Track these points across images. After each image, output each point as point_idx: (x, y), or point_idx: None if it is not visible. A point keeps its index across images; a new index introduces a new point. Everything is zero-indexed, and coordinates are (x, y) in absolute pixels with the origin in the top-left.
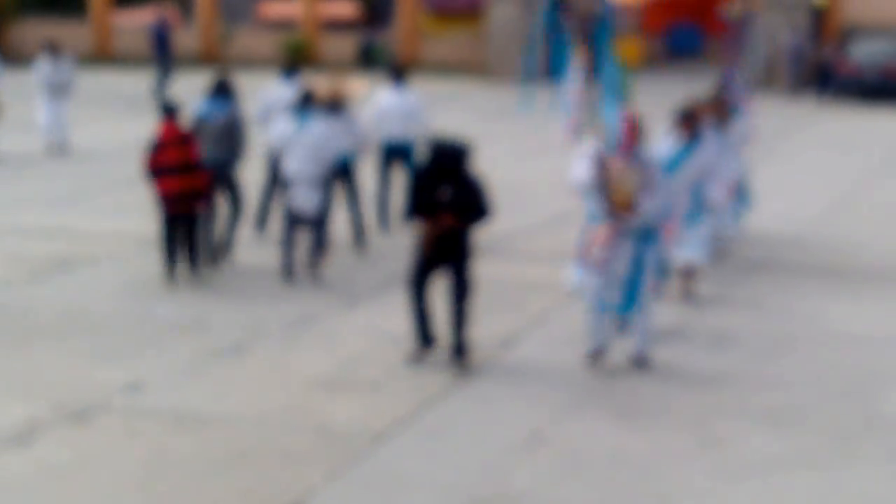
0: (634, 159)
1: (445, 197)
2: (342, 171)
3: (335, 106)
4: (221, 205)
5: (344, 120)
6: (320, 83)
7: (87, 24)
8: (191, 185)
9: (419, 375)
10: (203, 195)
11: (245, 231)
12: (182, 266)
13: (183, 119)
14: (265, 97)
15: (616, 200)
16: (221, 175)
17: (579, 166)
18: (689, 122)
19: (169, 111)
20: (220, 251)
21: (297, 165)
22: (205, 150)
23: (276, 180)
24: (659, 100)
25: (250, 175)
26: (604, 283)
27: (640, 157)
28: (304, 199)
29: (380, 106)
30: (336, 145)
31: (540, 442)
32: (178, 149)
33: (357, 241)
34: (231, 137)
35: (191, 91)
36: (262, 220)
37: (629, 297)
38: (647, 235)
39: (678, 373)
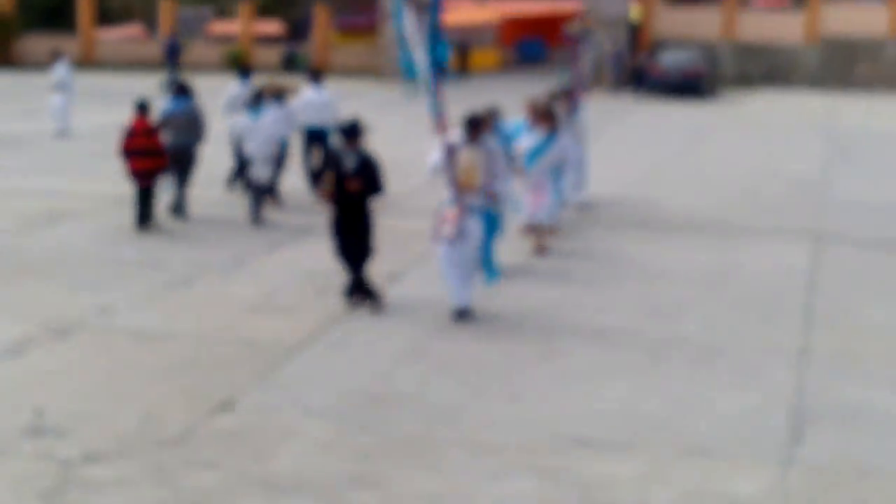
0: (480, 147)
1: (351, 164)
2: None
3: (280, 96)
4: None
5: (285, 108)
6: (264, 82)
7: (76, 37)
8: (153, 164)
9: (325, 302)
10: (161, 172)
11: (211, 192)
12: (145, 220)
13: (151, 113)
14: (228, 94)
15: (462, 183)
16: (184, 154)
17: (434, 154)
18: (549, 117)
19: (141, 107)
20: (178, 208)
21: (254, 147)
22: (172, 137)
23: (239, 157)
24: (513, 96)
25: (212, 152)
26: (454, 253)
27: (485, 145)
28: (262, 171)
29: (303, 99)
30: (282, 129)
31: (417, 354)
32: (145, 137)
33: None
34: (192, 126)
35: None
36: (231, 182)
37: (484, 262)
38: (489, 214)
39: (527, 301)
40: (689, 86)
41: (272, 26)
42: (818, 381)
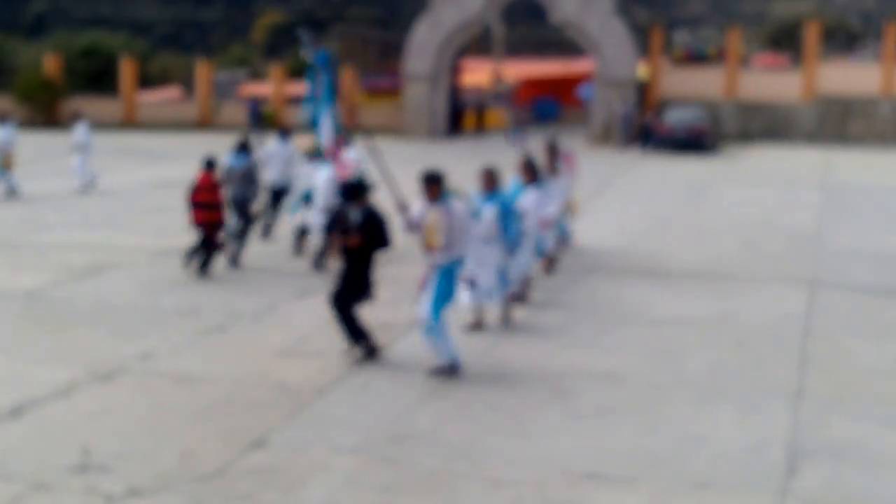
0: (441, 208)
1: (354, 219)
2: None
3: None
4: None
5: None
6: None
7: (119, 100)
8: (212, 217)
9: (350, 348)
10: (219, 226)
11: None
12: (204, 268)
13: (217, 169)
14: (265, 151)
15: (427, 242)
16: (243, 206)
17: (412, 210)
18: (528, 170)
19: (208, 164)
20: (236, 259)
21: (322, 199)
22: (233, 190)
23: (274, 205)
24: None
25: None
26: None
27: (445, 207)
28: (321, 219)
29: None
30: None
31: (436, 396)
32: (208, 192)
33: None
34: (250, 181)
35: (204, 145)
36: (266, 232)
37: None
38: (448, 270)
39: (537, 345)
40: (693, 142)
41: (302, 87)
42: (812, 419)
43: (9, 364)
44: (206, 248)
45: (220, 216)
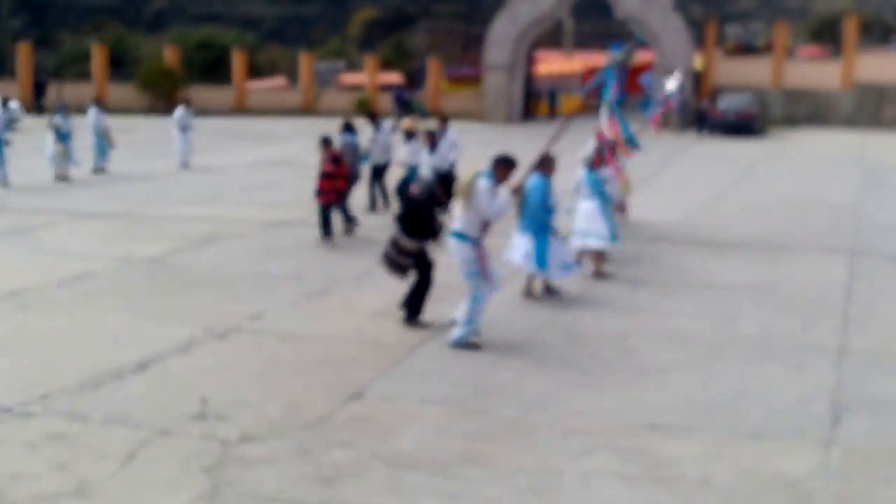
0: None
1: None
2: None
3: (412, 134)
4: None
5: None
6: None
7: (230, 88)
8: (334, 186)
9: (439, 309)
10: (341, 193)
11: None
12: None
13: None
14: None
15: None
16: (353, 178)
17: (501, 197)
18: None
19: (326, 141)
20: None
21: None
22: (350, 163)
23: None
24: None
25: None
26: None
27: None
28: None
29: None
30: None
31: (514, 353)
32: (330, 163)
33: None
34: (357, 155)
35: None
36: (372, 205)
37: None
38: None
39: (608, 306)
40: (743, 126)
41: (394, 77)
42: (854, 375)
43: (135, 323)
44: (327, 215)
45: (340, 184)
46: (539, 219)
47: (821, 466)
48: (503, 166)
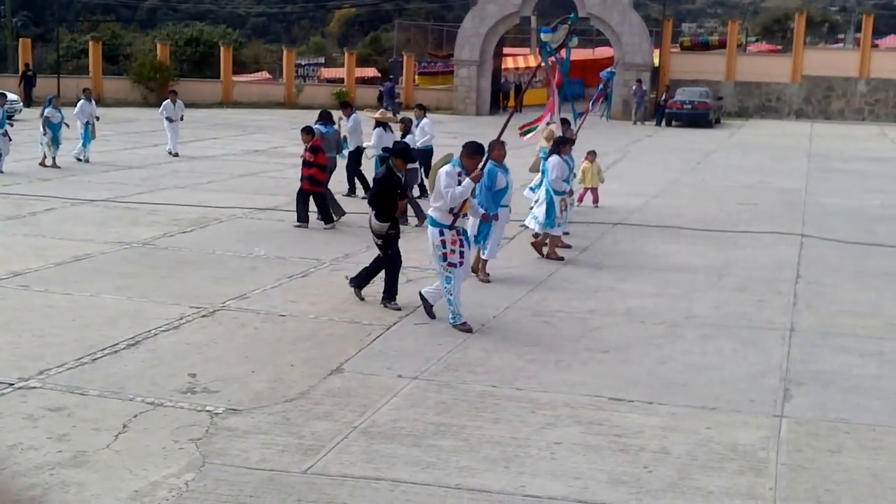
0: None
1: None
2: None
3: (385, 125)
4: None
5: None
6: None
7: (218, 82)
8: (308, 173)
9: (413, 290)
10: (315, 181)
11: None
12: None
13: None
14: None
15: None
16: (331, 169)
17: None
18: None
19: (307, 129)
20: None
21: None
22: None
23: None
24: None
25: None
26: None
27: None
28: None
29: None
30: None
31: (484, 331)
32: (307, 152)
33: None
34: (334, 144)
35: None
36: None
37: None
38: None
39: (572, 287)
40: (698, 117)
41: (370, 71)
42: (803, 352)
43: (128, 302)
44: (304, 201)
45: (313, 172)
46: (484, 202)
47: (772, 437)
48: (468, 153)
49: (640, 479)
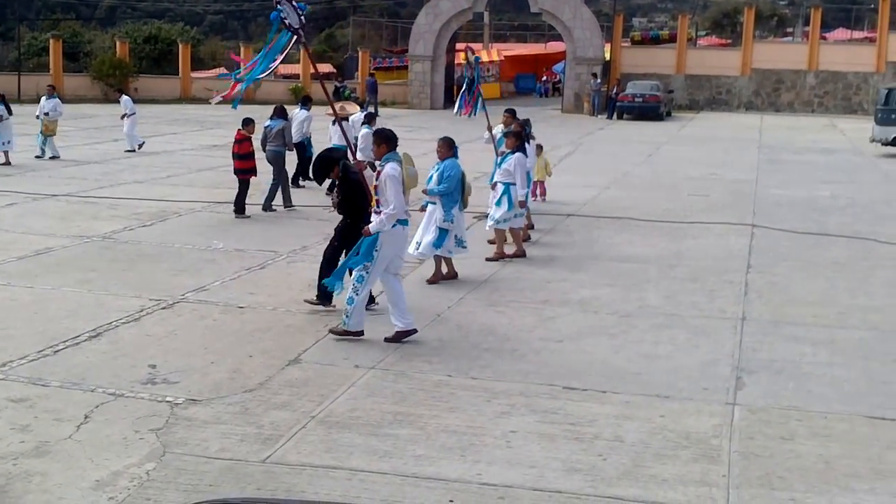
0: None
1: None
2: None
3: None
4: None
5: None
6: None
7: (177, 78)
8: (242, 166)
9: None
10: (239, 170)
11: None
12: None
13: (251, 127)
14: (295, 116)
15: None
16: (276, 159)
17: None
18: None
19: (245, 122)
20: (268, 205)
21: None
22: (272, 146)
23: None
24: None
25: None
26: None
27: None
28: None
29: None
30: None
31: (440, 321)
32: (238, 145)
33: None
34: (283, 138)
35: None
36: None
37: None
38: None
39: (526, 278)
40: (649, 110)
41: (326, 67)
42: (754, 340)
43: (89, 295)
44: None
45: (244, 164)
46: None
47: (725, 425)
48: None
49: (594, 466)
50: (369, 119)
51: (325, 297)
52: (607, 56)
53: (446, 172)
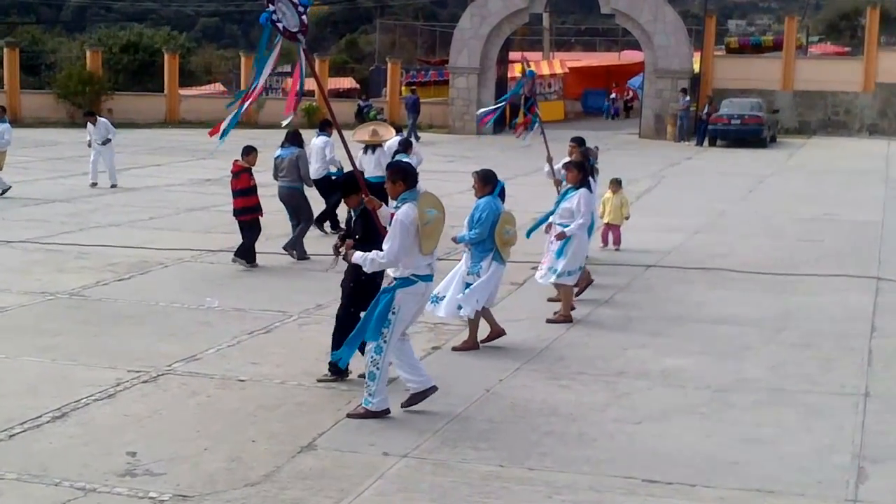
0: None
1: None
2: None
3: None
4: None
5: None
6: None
7: (162, 97)
8: (245, 204)
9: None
10: (238, 210)
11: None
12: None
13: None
14: (313, 146)
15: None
16: (291, 197)
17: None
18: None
19: (247, 150)
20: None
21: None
22: (283, 180)
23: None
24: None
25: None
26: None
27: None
28: None
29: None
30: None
31: (490, 397)
32: (237, 179)
33: None
34: (296, 171)
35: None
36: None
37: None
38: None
39: (593, 345)
40: (749, 134)
41: (345, 82)
42: (881, 422)
43: (53, 366)
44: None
45: (252, 202)
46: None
47: None
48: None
49: None
50: (405, 147)
51: (339, 370)
52: (696, 68)
53: (477, 214)
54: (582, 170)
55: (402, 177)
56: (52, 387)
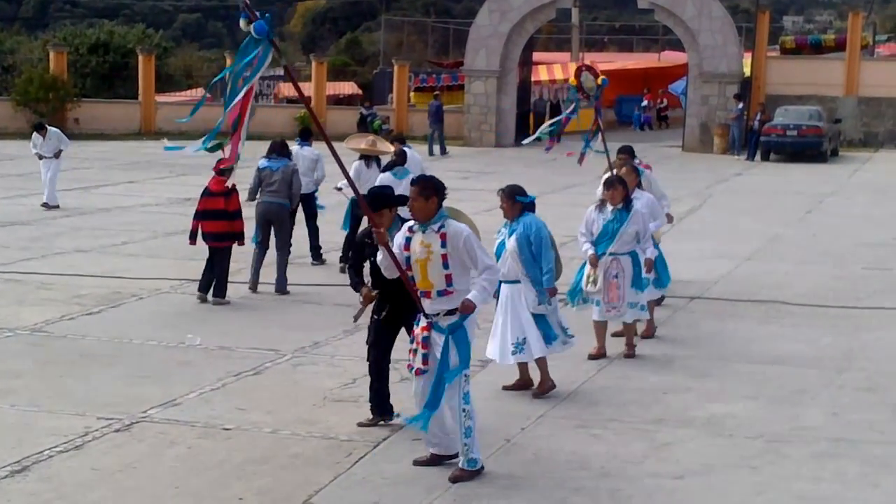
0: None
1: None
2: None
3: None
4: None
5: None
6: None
7: (136, 104)
8: (221, 228)
9: (407, 392)
10: (213, 235)
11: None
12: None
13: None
14: (298, 157)
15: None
16: (279, 216)
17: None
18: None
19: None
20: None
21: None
22: (267, 196)
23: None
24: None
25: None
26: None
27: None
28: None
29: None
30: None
31: (510, 448)
32: (214, 198)
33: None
34: (287, 188)
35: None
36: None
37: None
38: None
39: (629, 389)
40: (807, 147)
41: (346, 87)
42: None
43: (11, 412)
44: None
45: (232, 226)
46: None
47: None
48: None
49: None
50: (402, 158)
51: (384, 409)
52: (747, 71)
53: (526, 233)
54: (627, 187)
55: (436, 192)
56: (10, 436)
